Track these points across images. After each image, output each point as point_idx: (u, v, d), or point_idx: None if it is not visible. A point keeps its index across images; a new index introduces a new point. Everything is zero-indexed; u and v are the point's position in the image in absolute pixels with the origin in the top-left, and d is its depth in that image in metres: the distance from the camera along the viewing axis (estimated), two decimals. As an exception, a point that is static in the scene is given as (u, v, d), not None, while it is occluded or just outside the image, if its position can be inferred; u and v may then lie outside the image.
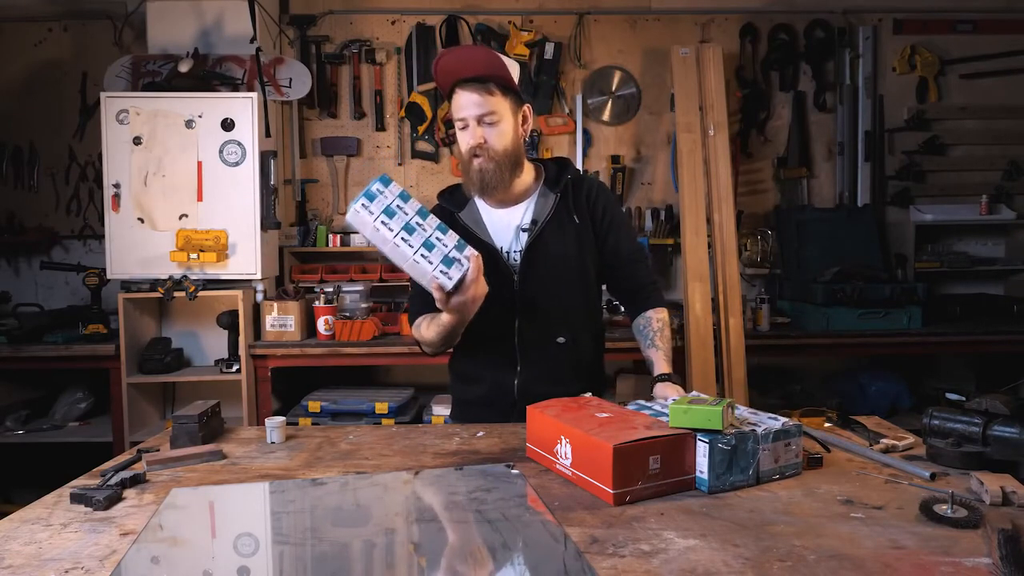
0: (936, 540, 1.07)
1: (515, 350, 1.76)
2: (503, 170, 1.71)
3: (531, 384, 1.75)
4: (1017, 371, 3.37)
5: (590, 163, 3.97)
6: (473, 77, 1.67)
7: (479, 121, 1.68)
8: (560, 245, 1.76)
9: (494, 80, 1.68)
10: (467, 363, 1.86)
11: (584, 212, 1.80)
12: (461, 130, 1.72)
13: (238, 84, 3.45)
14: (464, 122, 1.70)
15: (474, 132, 1.69)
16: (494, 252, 1.75)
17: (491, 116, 1.68)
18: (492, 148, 1.69)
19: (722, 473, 1.26)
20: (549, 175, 1.82)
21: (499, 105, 1.69)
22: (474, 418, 1.80)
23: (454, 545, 1.11)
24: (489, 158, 1.69)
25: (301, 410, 3.37)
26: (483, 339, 1.76)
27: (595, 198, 1.82)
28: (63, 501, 1.28)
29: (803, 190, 4.04)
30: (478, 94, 1.67)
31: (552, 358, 1.77)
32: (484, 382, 1.81)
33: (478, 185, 1.72)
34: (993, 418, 1.36)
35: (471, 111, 1.68)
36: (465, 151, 1.72)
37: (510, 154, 1.71)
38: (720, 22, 3.98)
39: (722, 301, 3.44)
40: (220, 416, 1.73)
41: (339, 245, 3.78)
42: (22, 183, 3.89)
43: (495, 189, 1.73)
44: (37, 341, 3.34)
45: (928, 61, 3.98)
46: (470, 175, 1.72)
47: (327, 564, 1.05)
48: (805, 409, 1.75)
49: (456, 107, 1.71)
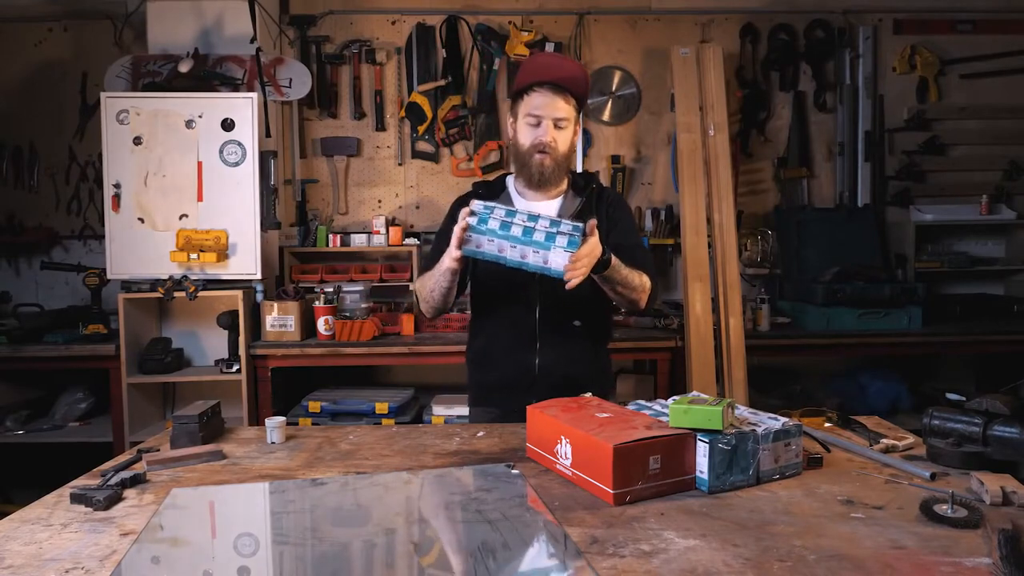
0: (936, 540, 1.07)
1: (536, 333, 1.86)
2: (560, 169, 1.88)
3: (551, 364, 1.86)
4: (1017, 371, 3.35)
5: (590, 163, 3.97)
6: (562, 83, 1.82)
7: (555, 123, 1.83)
8: None
9: (574, 92, 1.85)
10: (488, 346, 1.95)
11: (602, 218, 1.91)
12: (531, 125, 1.84)
13: (238, 84, 3.44)
14: (538, 119, 1.83)
15: (548, 130, 1.83)
16: None
17: (564, 121, 1.85)
18: (557, 149, 1.85)
19: (722, 473, 1.26)
20: (577, 181, 1.98)
21: (572, 114, 1.86)
22: (494, 401, 1.93)
23: (454, 545, 1.11)
24: (552, 157, 1.85)
25: (301, 410, 3.37)
26: (505, 323, 1.89)
27: (612, 206, 1.96)
28: (63, 501, 1.28)
29: (803, 190, 4.04)
30: (562, 98, 1.83)
31: (569, 339, 1.88)
32: (505, 365, 1.90)
33: (536, 178, 1.87)
34: (993, 418, 1.36)
35: (551, 112, 1.82)
36: (529, 145, 1.85)
37: (568, 157, 1.91)
38: (720, 22, 3.98)
39: (722, 301, 3.44)
40: (220, 416, 1.73)
41: (339, 245, 3.78)
42: (22, 183, 3.89)
43: (549, 184, 1.89)
44: (37, 341, 3.34)
45: (928, 61, 3.98)
46: (529, 167, 1.86)
47: (327, 564, 1.06)
48: (805, 409, 1.75)
49: (534, 103, 1.84)
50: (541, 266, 1.59)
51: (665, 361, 3.39)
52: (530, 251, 1.59)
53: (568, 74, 1.85)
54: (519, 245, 1.59)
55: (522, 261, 1.60)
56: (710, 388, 3.25)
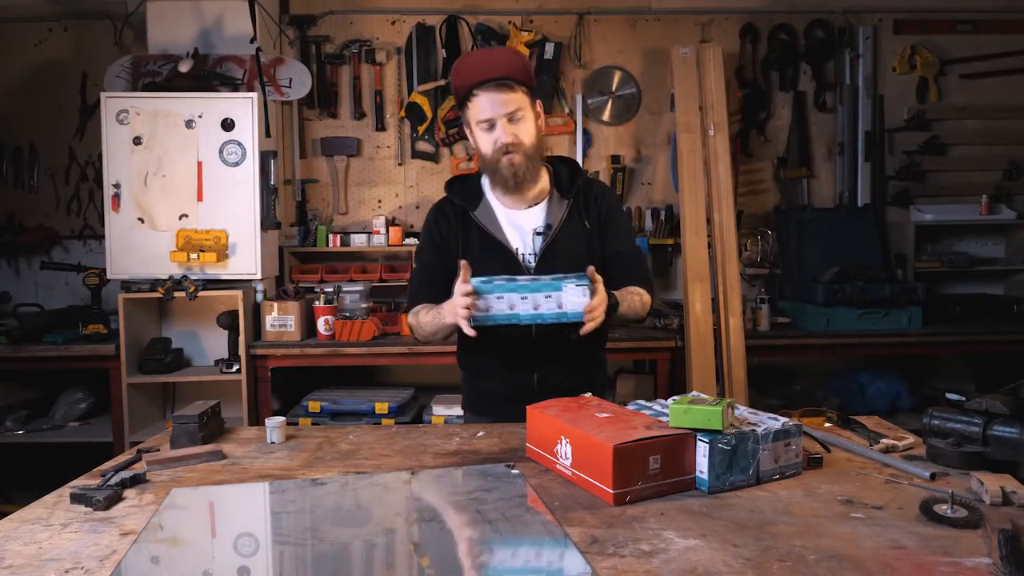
0: (936, 540, 1.07)
1: (533, 347, 1.79)
2: (534, 163, 1.75)
3: (550, 377, 1.80)
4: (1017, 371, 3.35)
5: (590, 163, 3.97)
6: (497, 77, 1.69)
7: (509, 119, 1.70)
8: (573, 248, 1.79)
9: (515, 78, 1.71)
10: (483, 359, 1.87)
11: (594, 217, 1.84)
12: (487, 131, 1.73)
13: (238, 84, 3.44)
14: (491, 122, 1.71)
15: (505, 130, 1.70)
16: (511, 255, 1.78)
17: (519, 112, 1.71)
18: (523, 143, 1.72)
19: (722, 473, 1.26)
20: (560, 178, 1.85)
21: (523, 101, 1.72)
22: (491, 410, 1.85)
23: (454, 545, 1.11)
24: (521, 153, 1.72)
25: (301, 410, 3.37)
26: (501, 338, 1.78)
27: (601, 201, 1.86)
28: (63, 501, 1.28)
29: (803, 190, 4.04)
30: (503, 92, 1.69)
31: (568, 353, 1.79)
32: (502, 377, 1.84)
33: (511, 181, 1.74)
34: (993, 418, 1.36)
35: (499, 110, 1.70)
36: (493, 151, 1.73)
37: (537, 147, 1.76)
38: (720, 22, 3.98)
39: (722, 301, 3.44)
40: (220, 416, 1.73)
41: (339, 245, 3.78)
42: (22, 183, 3.89)
43: (527, 182, 1.77)
44: (37, 341, 3.34)
45: (928, 61, 3.98)
46: (501, 172, 1.74)
47: (327, 564, 1.05)
48: (805, 409, 1.74)
49: (480, 108, 1.71)
50: (557, 311, 1.56)
51: (665, 361, 3.39)
52: (542, 297, 1.56)
53: (504, 66, 1.71)
54: (530, 295, 1.56)
55: (536, 313, 1.56)
56: (710, 388, 3.25)
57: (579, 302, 1.54)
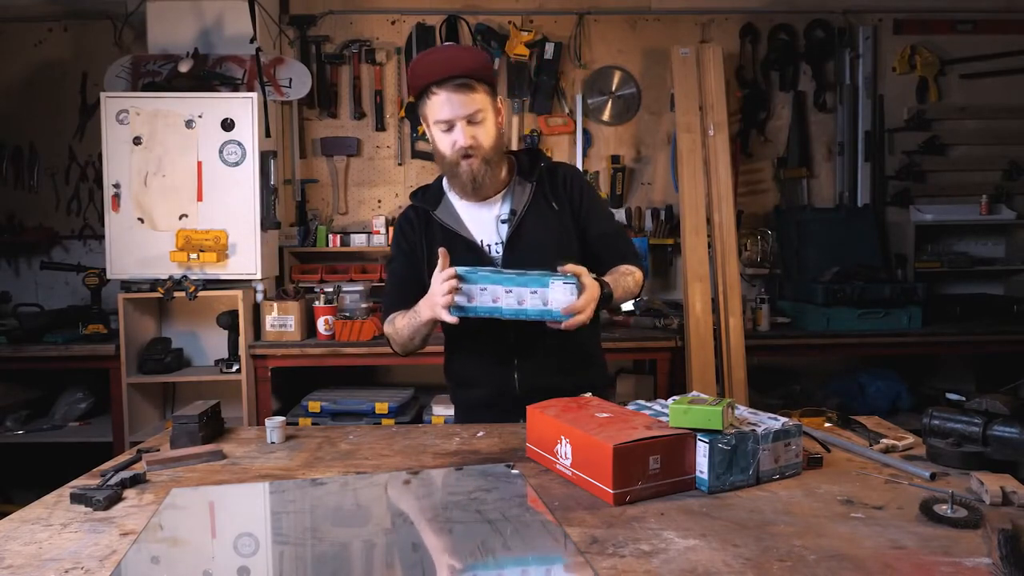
0: (936, 540, 1.07)
1: (511, 345, 1.73)
2: (493, 167, 1.70)
3: (532, 377, 1.73)
4: (1017, 371, 3.37)
5: (590, 163, 3.97)
6: (457, 76, 1.62)
7: (468, 121, 1.64)
8: (541, 232, 1.74)
9: (475, 77, 1.64)
10: (464, 366, 1.84)
11: (562, 198, 1.77)
12: (445, 132, 1.66)
13: (238, 84, 3.44)
14: (449, 124, 1.65)
15: (464, 133, 1.64)
16: (475, 247, 1.74)
17: (479, 114, 1.64)
18: (482, 147, 1.66)
19: (722, 473, 1.26)
20: (522, 166, 1.80)
21: (484, 102, 1.65)
22: (477, 421, 1.78)
23: (454, 545, 1.11)
24: (480, 157, 1.66)
25: (301, 410, 3.37)
26: (478, 339, 1.73)
27: (571, 184, 1.80)
28: (63, 501, 1.28)
29: (803, 190, 4.04)
30: (463, 93, 1.62)
31: (550, 347, 1.71)
32: (484, 383, 1.79)
33: (470, 186, 1.69)
34: (993, 418, 1.36)
35: (458, 111, 1.63)
36: (451, 153, 1.67)
37: (497, 150, 1.70)
38: (720, 22, 3.98)
39: (722, 301, 3.44)
40: (220, 416, 1.72)
41: (339, 245, 3.79)
42: (22, 183, 3.89)
43: (485, 187, 1.71)
44: (37, 341, 3.34)
45: (928, 61, 3.98)
46: (459, 176, 1.69)
47: (327, 564, 1.05)
48: (805, 409, 1.74)
49: (436, 109, 1.64)
50: (541, 309, 1.50)
51: (665, 361, 3.39)
52: (527, 292, 1.50)
53: (466, 66, 1.63)
54: (515, 288, 1.50)
55: (520, 308, 1.50)
56: (710, 388, 3.25)
57: (565, 300, 1.50)
